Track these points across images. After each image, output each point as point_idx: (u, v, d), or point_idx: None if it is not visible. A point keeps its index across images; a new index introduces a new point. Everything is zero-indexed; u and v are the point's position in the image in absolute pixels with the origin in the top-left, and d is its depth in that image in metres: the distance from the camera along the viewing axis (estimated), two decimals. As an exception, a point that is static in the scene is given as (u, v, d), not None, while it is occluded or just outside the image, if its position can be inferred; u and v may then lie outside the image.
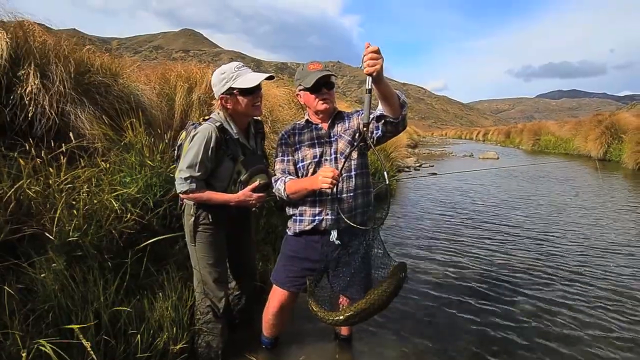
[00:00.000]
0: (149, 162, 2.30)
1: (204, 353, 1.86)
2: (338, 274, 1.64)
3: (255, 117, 1.91)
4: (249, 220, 2.06)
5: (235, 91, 1.70)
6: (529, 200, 6.39)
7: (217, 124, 1.71)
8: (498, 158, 14.85)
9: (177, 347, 1.76)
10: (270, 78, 1.83)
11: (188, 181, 1.67)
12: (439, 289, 2.89)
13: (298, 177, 1.73)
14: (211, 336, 1.86)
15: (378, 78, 1.33)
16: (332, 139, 1.71)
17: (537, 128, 20.88)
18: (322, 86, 1.64)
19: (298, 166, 1.73)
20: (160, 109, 3.24)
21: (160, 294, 1.86)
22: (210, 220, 1.78)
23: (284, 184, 1.67)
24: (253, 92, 1.73)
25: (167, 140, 2.59)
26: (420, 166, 11.46)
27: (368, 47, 1.30)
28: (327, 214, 1.68)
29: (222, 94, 1.72)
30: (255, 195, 1.74)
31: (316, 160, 1.70)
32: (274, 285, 1.84)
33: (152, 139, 2.46)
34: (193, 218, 1.77)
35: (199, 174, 1.67)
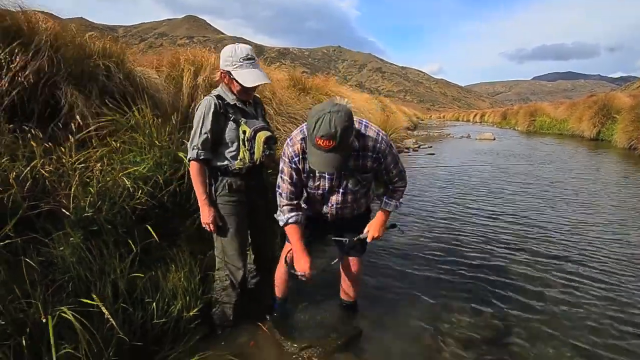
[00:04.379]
0: (157, 142, 2.28)
1: (218, 319, 1.90)
2: (342, 236, 1.84)
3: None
4: (267, 191, 2.09)
5: (232, 76, 1.75)
6: (524, 177, 6.35)
7: (216, 93, 1.80)
8: (494, 139, 14.69)
9: (191, 314, 1.80)
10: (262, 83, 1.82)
11: (191, 148, 1.76)
12: (438, 260, 2.92)
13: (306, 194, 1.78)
14: (226, 304, 1.91)
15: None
16: (342, 173, 1.65)
17: (532, 109, 20.51)
18: None
19: (308, 190, 1.73)
20: (167, 92, 3.20)
21: (173, 266, 1.88)
22: (227, 189, 1.82)
23: (287, 222, 1.68)
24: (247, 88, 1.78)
25: (174, 122, 2.57)
26: (419, 147, 11.36)
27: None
28: (328, 215, 1.80)
29: (223, 71, 1.78)
30: (212, 226, 1.81)
31: (326, 190, 1.70)
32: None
33: (160, 120, 2.43)
34: (213, 187, 1.84)
35: (201, 140, 1.73)
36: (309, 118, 1.36)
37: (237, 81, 1.74)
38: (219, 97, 1.79)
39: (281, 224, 1.71)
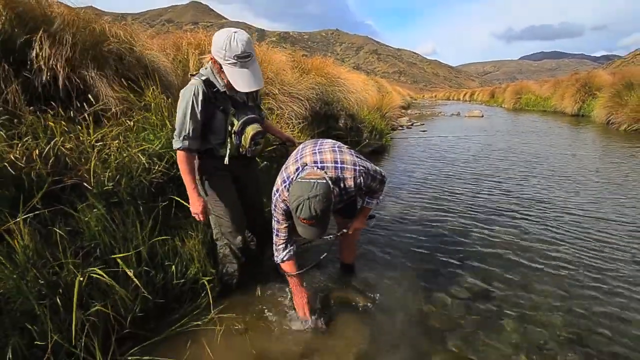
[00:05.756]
0: (168, 121, 2.25)
1: (224, 282, 1.94)
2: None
3: None
4: (253, 171, 2.03)
5: (223, 69, 1.55)
6: (509, 151, 6.31)
7: (204, 77, 1.57)
8: (482, 116, 14.46)
9: (206, 278, 1.83)
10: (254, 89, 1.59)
11: (180, 138, 1.55)
12: (426, 229, 2.95)
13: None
14: (228, 270, 1.92)
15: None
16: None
17: (519, 88, 20.01)
18: None
19: None
20: (176, 74, 3.12)
21: (190, 233, 1.90)
22: (212, 173, 1.74)
23: (282, 260, 1.69)
24: None
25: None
26: (412, 125, 11.21)
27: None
28: None
29: (214, 58, 1.57)
30: (201, 216, 1.65)
31: None
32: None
33: (170, 101, 2.38)
34: (198, 172, 1.72)
35: (190, 130, 1.54)
36: (291, 200, 1.37)
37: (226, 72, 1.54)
38: (207, 82, 1.57)
39: (277, 261, 1.71)
